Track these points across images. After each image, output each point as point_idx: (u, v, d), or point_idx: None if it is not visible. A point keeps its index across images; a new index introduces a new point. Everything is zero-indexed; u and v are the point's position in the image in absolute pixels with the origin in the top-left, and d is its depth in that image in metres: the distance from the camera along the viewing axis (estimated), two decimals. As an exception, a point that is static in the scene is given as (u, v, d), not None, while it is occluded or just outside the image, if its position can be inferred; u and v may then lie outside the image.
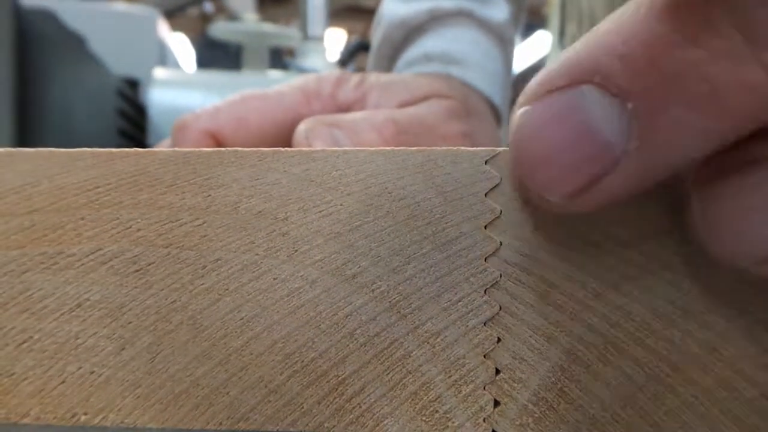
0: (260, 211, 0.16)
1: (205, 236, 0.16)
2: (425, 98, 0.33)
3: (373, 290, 0.15)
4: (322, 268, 0.15)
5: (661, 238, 0.15)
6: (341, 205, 0.16)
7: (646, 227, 0.15)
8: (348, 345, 0.15)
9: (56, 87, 0.63)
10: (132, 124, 0.86)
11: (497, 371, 0.15)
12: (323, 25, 1.23)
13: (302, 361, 0.15)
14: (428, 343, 0.15)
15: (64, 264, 0.16)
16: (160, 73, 0.92)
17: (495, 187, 0.16)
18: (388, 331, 0.15)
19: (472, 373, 0.15)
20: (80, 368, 0.15)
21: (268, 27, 1.14)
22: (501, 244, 0.15)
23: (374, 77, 0.34)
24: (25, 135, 0.57)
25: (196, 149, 0.16)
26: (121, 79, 0.85)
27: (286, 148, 0.16)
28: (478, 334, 0.15)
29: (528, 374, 0.15)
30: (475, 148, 0.16)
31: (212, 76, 1.01)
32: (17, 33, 0.56)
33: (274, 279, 0.15)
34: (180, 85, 0.93)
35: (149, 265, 0.15)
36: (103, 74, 0.78)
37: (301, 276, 0.15)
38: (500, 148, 0.16)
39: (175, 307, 0.15)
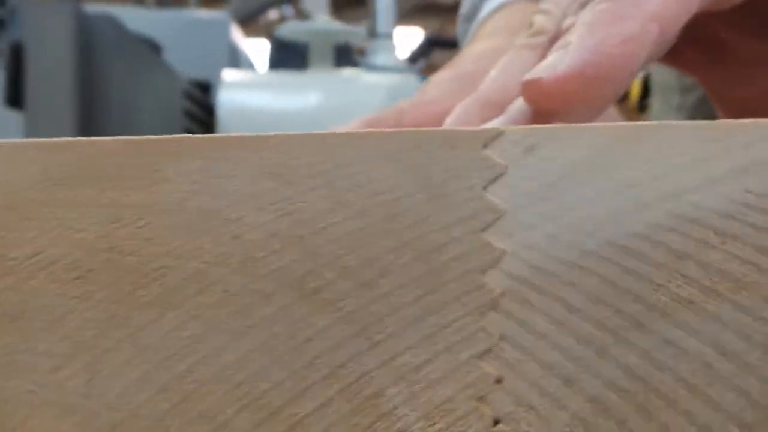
0: (209, 210, 0.13)
1: (148, 239, 0.13)
2: None
3: (339, 309, 0.12)
4: (279, 279, 0.13)
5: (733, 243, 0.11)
6: (303, 202, 0.13)
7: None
8: (307, 376, 0.12)
9: (118, 88, 0.65)
10: (200, 124, 0.89)
11: (495, 421, 0.12)
12: (392, 23, 1.22)
13: (253, 394, 0.13)
14: (406, 379, 0.12)
15: (4, 269, 0.14)
16: (228, 75, 0.94)
17: (497, 178, 0.12)
18: (356, 361, 0.12)
19: (461, 422, 0.12)
20: (18, 386, 0.14)
21: (333, 25, 1.13)
22: (504, 252, 0.12)
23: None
24: (87, 135, 0.59)
25: (144, 137, 0.13)
26: (190, 82, 0.88)
27: (241, 134, 0.13)
28: (470, 371, 0.12)
29: (538, 428, 0.12)
30: (471, 128, 0.12)
31: (278, 76, 1.03)
32: (81, 37, 0.58)
33: (224, 292, 0.13)
34: (248, 86, 0.95)
35: (89, 272, 0.13)
36: (168, 76, 0.81)
37: (254, 289, 0.13)
38: (505, 127, 0.12)
39: (116, 321, 0.13)
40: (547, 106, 0.17)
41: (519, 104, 0.18)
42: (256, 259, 0.13)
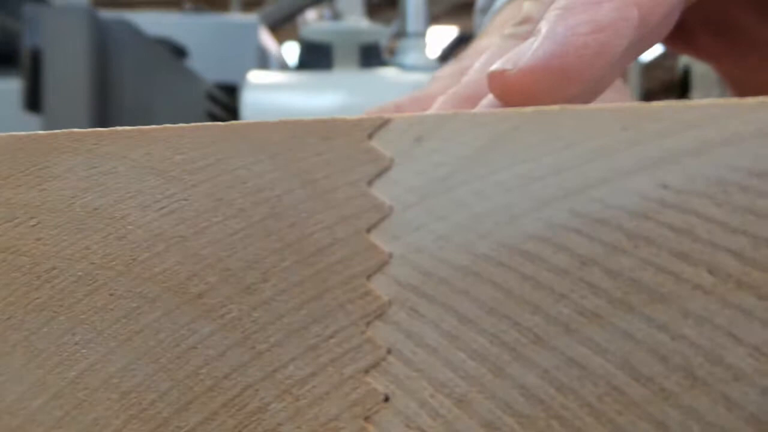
0: (96, 208, 0.12)
1: (39, 239, 0.13)
2: None
3: (222, 315, 0.11)
4: (163, 283, 0.12)
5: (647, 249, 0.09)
6: (185, 200, 0.12)
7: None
8: (192, 387, 0.12)
9: (135, 91, 0.65)
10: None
11: (382, 443, 0.11)
12: (423, 22, 1.17)
13: (140, 404, 0.12)
14: (290, 393, 0.11)
15: None
16: (254, 76, 0.93)
17: (383, 172, 0.11)
18: (240, 372, 0.11)
19: (345, 443, 0.11)
20: None
21: (357, 25, 1.10)
22: (391, 256, 0.10)
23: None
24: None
25: (33, 132, 0.13)
26: (215, 85, 0.87)
27: (127, 127, 0.12)
28: (356, 387, 0.11)
29: (427, 452, 0.10)
30: (356, 117, 0.11)
31: (302, 76, 1.01)
32: (97, 42, 0.58)
33: (110, 295, 0.12)
34: (272, 87, 0.94)
35: None
36: (190, 79, 0.80)
37: (139, 293, 0.12)
38: (393, 114, 0.11)
39: (11, 324, 0.13)
40: (512, 100, 0.15)
41: (490, 98, 0.17)
42: (140, 261, 0.12)
